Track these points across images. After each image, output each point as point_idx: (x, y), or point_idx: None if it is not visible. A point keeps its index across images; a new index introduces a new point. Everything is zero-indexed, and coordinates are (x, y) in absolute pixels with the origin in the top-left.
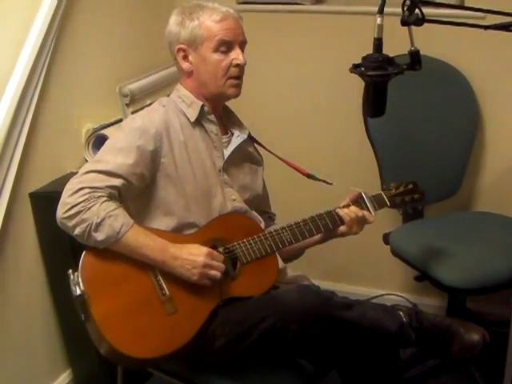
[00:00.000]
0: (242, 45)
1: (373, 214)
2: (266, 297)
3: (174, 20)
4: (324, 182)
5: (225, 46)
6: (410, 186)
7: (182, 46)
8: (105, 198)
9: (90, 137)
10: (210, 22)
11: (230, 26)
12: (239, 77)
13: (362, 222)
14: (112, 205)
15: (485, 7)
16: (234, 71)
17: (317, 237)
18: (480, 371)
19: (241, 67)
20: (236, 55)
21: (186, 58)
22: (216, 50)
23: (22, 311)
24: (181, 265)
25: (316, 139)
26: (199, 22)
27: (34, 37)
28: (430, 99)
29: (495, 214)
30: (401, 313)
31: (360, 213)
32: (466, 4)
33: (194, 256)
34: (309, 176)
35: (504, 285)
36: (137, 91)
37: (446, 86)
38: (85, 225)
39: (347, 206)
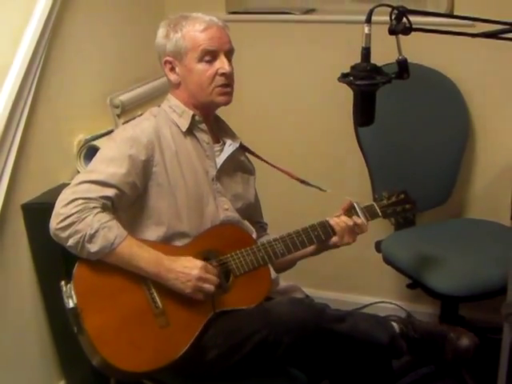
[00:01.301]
0: (229, 53)
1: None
2: (258, 309)
3: (160, 33)
4: (317, 188)
5: (209, 56)
6: (402, 195)
7: (168, 58)
8: (99, 209)
9: (81, 148)
10: (193, 33)
11: (215, 34)
12: (227, 85)
13: (353, 231)
14: (106, 216)
15: (473, 15)
16: (219, 80)
17: (310, 249)
18: (473, 378)
19: (227, 75)
20: (221, 64)
21: (173, 69)
22: (200, 60)
23: (14, 322)
24: (175, 277)
25: (307, 148)
26: (182, 33)
27: (25, 49)
28: (420, 107)
29: (486, 221)
30: (394, 323)
31: (350, 222)
32: (455, 12)
33: (188, 269)
34: (302, 182)
35: (496, 292)
36: (128, 102)
37: (437, 94)
38: (78, 236)
39: (338, 216)
